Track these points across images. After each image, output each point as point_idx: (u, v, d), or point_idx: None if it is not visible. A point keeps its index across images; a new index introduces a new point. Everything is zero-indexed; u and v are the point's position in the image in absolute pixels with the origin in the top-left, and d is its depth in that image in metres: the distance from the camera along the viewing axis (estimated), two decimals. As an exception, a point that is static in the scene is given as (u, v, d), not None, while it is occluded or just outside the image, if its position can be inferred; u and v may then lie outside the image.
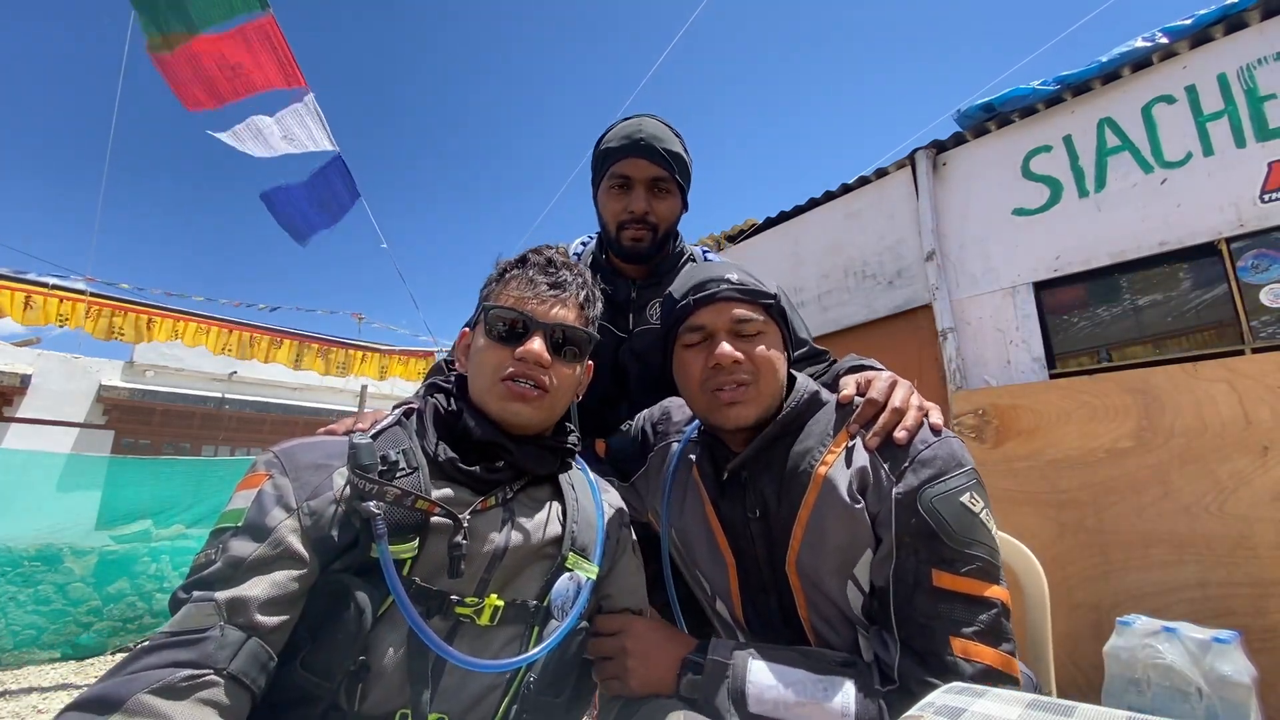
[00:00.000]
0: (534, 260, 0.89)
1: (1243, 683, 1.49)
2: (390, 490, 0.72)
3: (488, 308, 0.86)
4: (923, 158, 4.19)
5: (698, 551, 0.95)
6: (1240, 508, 1.88)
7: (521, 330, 0.84)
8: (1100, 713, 0.45)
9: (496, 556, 0.78)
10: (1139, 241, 3.31)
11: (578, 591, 0.81)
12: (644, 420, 1.16)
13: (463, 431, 0.83)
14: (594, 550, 0.85)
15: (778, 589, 0.86)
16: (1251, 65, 3.07)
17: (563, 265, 0.90)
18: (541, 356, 0.82)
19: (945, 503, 0.76)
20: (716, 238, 5.57)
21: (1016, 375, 3.65)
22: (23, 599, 3.77)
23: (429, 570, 0.74)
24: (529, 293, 0.85)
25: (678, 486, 1.00)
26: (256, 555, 0.67)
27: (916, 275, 4.18)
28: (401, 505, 0.72)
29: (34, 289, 4.55)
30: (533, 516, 0.83)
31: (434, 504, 0.73)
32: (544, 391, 0.83)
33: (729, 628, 0.96)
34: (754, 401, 0.88)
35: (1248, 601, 1.81)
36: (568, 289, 0.88)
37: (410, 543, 0.72)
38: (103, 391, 8.90)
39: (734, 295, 0.90)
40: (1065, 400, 2.28)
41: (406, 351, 7.13)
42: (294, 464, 0.75)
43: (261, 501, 0.71)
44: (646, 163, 1.24)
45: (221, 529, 0.71)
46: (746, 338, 0.89)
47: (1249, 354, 2.87)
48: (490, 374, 0.83)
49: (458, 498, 0.78)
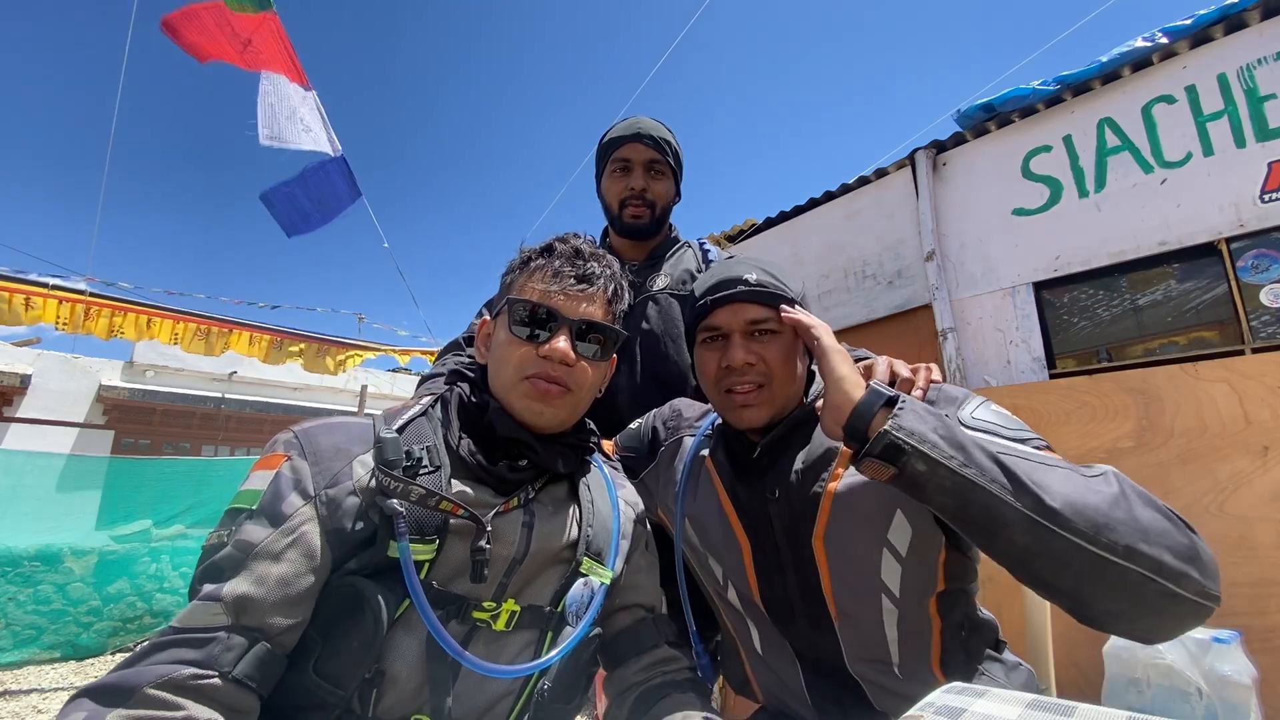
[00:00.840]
0: (561, 250, 0.84)
1: (1243, 683, 1.49)
2: (415, 489, 0.69)
3: (511, 300, 0.82)
4: (923, 158, 4.19)
5: (712, 536, 0.96)
6: (1240, 508, 1.88)
7: (546, 326, 0.80)
8: (1100, 713, 0.45)
9: (516, 560, 0.76)
10: (1139, 241, 3.31)
11: (591, 597, 0.80)
12: (653, 418, 1.17)
13: (487, 426, 0.80)
14: (609, 554, 0.84)
15: (798, 567, 0.87)
16: (1251, 65, 3.07)
17: (591, 256, 0.85)
18: (567, 355, 0.79)
19: (984, 411, 0.81)
20: (717, 238, 5.56)
21: (1016, 375, 3.65)
22: (23, 599, 3.77)
23: (447, 573, 0.72)
24: (555, 285, 0.81)
25: (692, 477, 1.01)
26: (268, 542, 0.65)
27: (916, 275, 4.18)
28: (425, 505, 0.70)
29: (33, 289, 4.55)
30: (551, 519, 0.80)
31: (458, 505, 0.71)
32: (568, 390, 0.80)
33: (738, 616, 0.97)
34: (766, 404, 0.89)
35: (1248, 601, 1.81)
36: (596, 282, 0.83)
37: (431, 544, 0.70)
38: (103, 391, 8.90)
39: (750, 297, 0.90)
40: (1065, 400, 2.28)
41: (407, 351, 7.14)
42: (314, 447, 0.72)
43: (278, 485, 0.69)
44: (644, 147, 1.44)
45: (236, 509, 0.69)
46: (761, 340, 0.89)
47: (1249, 354, 2.87)
48: (513, 371, 0.80)
49: (478, 497, 0.76)
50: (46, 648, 3.82)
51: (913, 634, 0.84)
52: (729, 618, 1.00)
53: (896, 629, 0.83)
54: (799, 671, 0.90)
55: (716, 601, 1.02)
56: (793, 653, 0.91)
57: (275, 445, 0.75)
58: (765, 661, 0.95)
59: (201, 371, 9.71)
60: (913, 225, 4.23)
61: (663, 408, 1.19)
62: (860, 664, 0.85)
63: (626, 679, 0.86)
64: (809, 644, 0.88)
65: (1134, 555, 0.59)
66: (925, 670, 0.84)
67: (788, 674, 0.92)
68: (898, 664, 0.84)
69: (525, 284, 0.83)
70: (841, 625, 0.85)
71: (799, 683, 0.90)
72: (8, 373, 8.10)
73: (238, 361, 10.10)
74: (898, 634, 0.83)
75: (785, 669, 0.92)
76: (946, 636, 0.85)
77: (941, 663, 0.84)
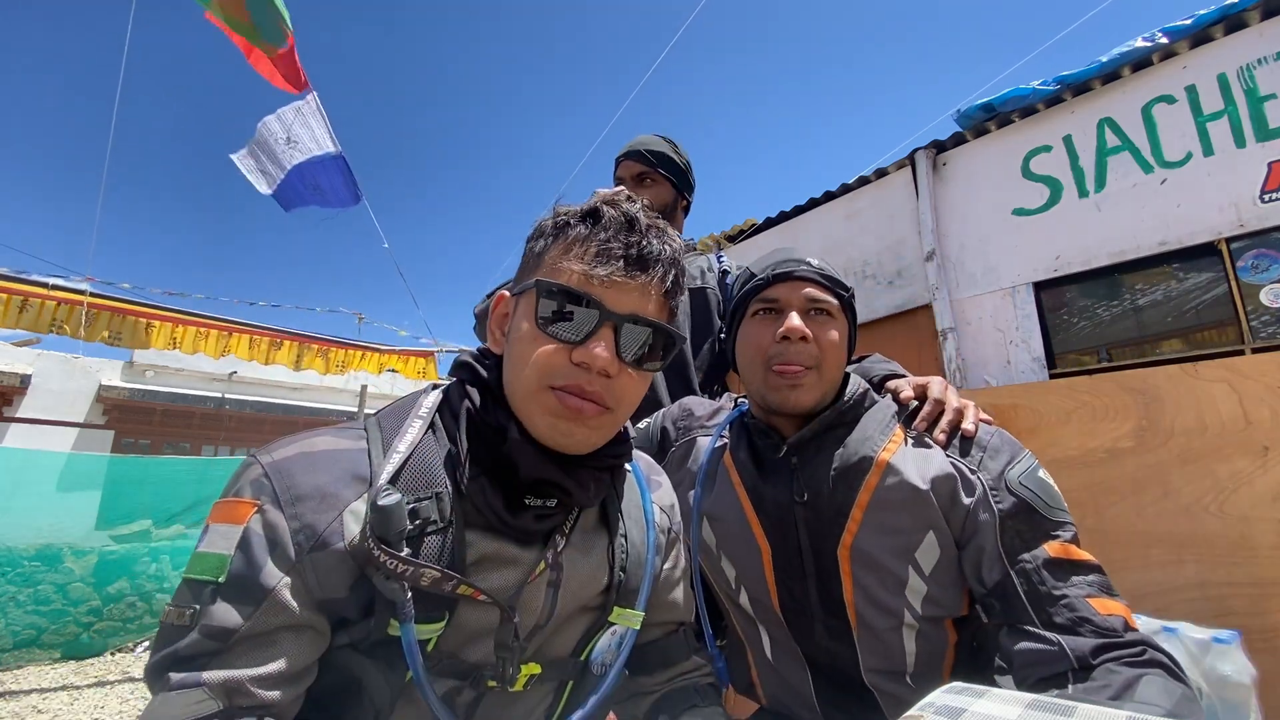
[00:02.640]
0: (610, 217, 0.64)
1: (1243, 683, 1.49)
2: (427, 573, 0.55)
3: (541, 283, 0.62)
4: (923, 158, 4.19)
5: (729, 538, 0.94)
6: (1240, 508, 1.87)
7: (586, 323, 0.61)
8: (1100, 713, 0.45)
9: (539, 626, 0.65)
10: (1139, 241, 3.31)
11: (619, 645, 0.69)
12: (662, 418, 1.15)
13: (506, 459, 0.63)
14: (642, 588, 0.72)
15: (819, 575, 0.85)
16: (1251, 65, 3.07)
17: (649, 228, 0.65)
18: (610, 366, 0.60)
19: (1030, 478, 0.80)
20: (717, 238, 5.56)
21: (1016, 375, 3.65)
22: (23, 599, 3.77)
23: (459, 640, 0.61)
24: (600, 268, 0.61)
25: (709, 476, 0.99)
26: (249, 628, 0.51)
27: (916, 275, 4.18)
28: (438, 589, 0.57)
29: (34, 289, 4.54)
30: (580, 568, 0.67)
31: (479, 591, 0.58)
32: (605, 410, 0.62)
33: (749, 620, 0.95)
34: (814, 388, 0.88)
35: (1248, 601, 1.81)
36: (654, 267, 0.63)
37: (438, 623, 0.58)
38: (102, 391, 8.89)
39: (812, 277, 0.91)
40: (1065, 400, 2.28)
41: (407, 351, 7.13)
42: (292, 492, 0.57)
43: (249, 549, 0.53)
44: (633, 163, 1.60)
45: (197, 582, 0.53)
46: (818, 320, 0.90)
47: (1249, 354, 2.87)
48: (536, 377, 0.61)
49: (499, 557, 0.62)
50: (46, 648, 3.82)
51: (929, 647, 0.83)
52: (739, 621, 0.98)
53: (915, 643, 0.82)
54: (809, 678, 0.89)
55: (727, 604, 1.00)
56: (804, 660, 0.89)
57: (240, 488, 0.57)
58: (774, 667, 0.93)
59: (201, 371, 9.71)
60: (913, 225, 4.23)
61: (671, 407, 1.16)
62: (875, 675, 0.84)
63: (647, 686, 0.81)
64: (825, 653, 0.87)
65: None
66: (937, 679, 0.83)
67: (797, 680, 0.90)
68: (911, 673, 0.83)
69: (560, 260, 0.63)
70: (860, 637, 0.84)
71: (808, 689, 0.89)
72: (8, 373, 8.09)
73: (237, 361, 10.10)
74: (915, 648, 0.82)
75: (795, 675, 0.91)
76: (961, 649, 0.84)
77: (953, 675, 0.84)
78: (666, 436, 1.11)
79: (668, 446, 1.10)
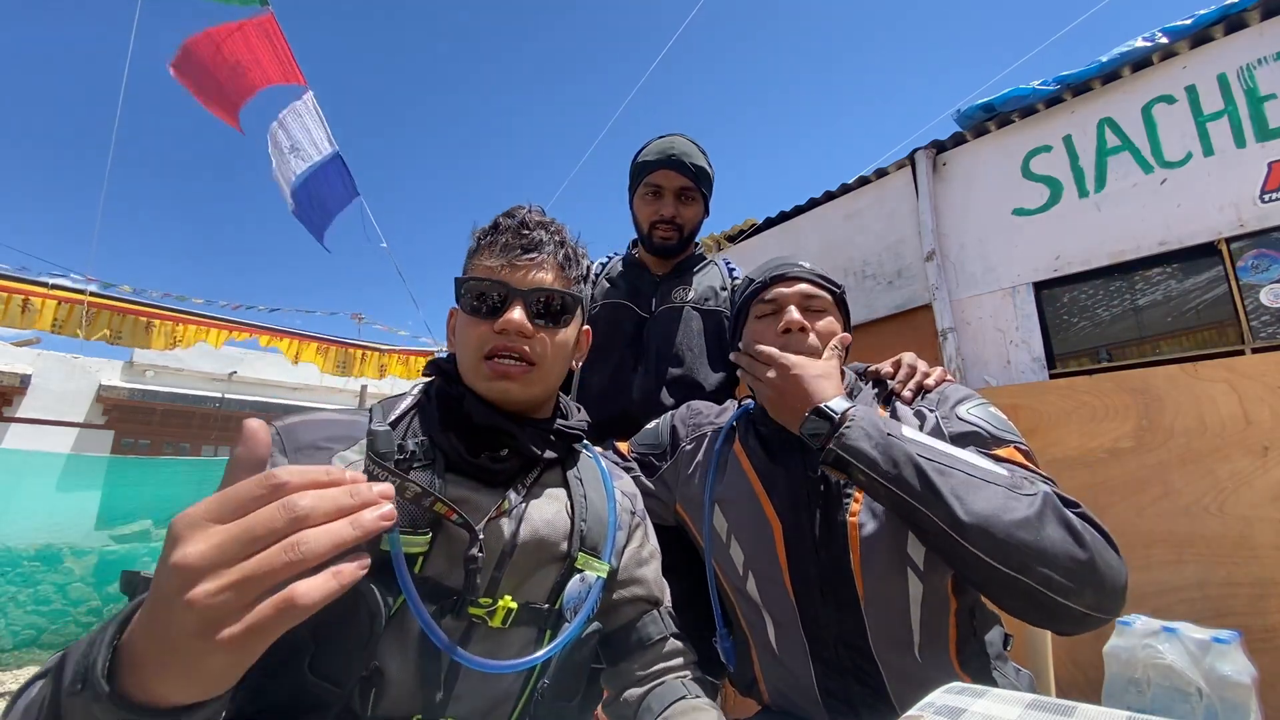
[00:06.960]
0: (505, 224, 0.82)
1: (1243, 683, 1.49)
2: (410, 486, 0.65)
3: (462, 280, 0.81)
4: (923, 158, 4.19)
5: (741, 519, 0.97)
6: (1240, 508, 1.87)
7: (499, 301, 0.78)
8: (1100, 713, 0.45)
9: (506, 554, 0.75)
10: (1139, 242, 3.31)
11: (588, 592, 0.79)
12: (671, 418, 1.19)
13: (465, 417, 0.78)
14: (604, 546, 0.83)
15: (829, 546, 0.89)
16: (1251, 65, 3.07)
17: (537, 225, 0.82)
18: (523, 326, 0.77)
19: (980, 410, 0.92)
20: (717, 238, 5.56)
21: (1016, 375, 3.65)
22: (23, 599, 3.78)
23: (441, 566, 0.71)
24: (502, 259, 0.79)
25: (720, 464, 1.04)
26: None
27: (916, 275, 4.18)
28: (418, 503, 0.68)
29: (34, 289, 4.54)
30: (543, 511, 0.80)
31: (452, 509, 0.69)
32: (530, 364, 0.78)
33: (755, 608, 0.97)
34: None
35: (1248, 601, 1.81)
36: (544, 249, 0.81)
37: (423, 536, 0.69)
38: (102, 391, 8.89)
39: (805, 275, 1.03)
40: (1065, 400, 2.28)
41: (406, 351, 7.13)
42: (295, 443, 0.72)
43: None
44: (676, 174, 1.47)
45: None
46: (813, 313, 1.00)
47: (1249, 354, 2.87)
48: (473, 352, 0.78)
49: (471, 498, 0.75)
50: (47, 648, 3.82)
51: (933, 615, 0.86)
52: (745, 612, 1.00)
53: (920, 610, 0.85)
54: (811, 668, 0.91)
55: (733, 596, 1.02)
56: (808, 648, 0.91)
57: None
58: (778, 658, 0.95)
59: (201, 371, 9.71)
60: (913, 225, 4.23)
61: (679, 409, 1.21)
62: (883, 646, 0.86)
63: (630, 675, 0.85)
64: (834, 627, 0.89)
65: (1026, 570, 0.69)
66: (943, 654, 0.86)
67: (800, 670, 0.92)
68: (918, 645, 0.85)
69: (475, 264, 0.82)
70: (868, 609, 0.87)
71: (810, 679, 0.91)
72: (8, 373, 8.10)
73: (237, 361, 10.10)
74: (920, 616, 0.85)
75: (798, 665, 0.92)
76: (960, 619, 0.87)
77: (958, 650, 0.86)
78: (676, 435, 1.15)
79: (677, 444, 1.13)
